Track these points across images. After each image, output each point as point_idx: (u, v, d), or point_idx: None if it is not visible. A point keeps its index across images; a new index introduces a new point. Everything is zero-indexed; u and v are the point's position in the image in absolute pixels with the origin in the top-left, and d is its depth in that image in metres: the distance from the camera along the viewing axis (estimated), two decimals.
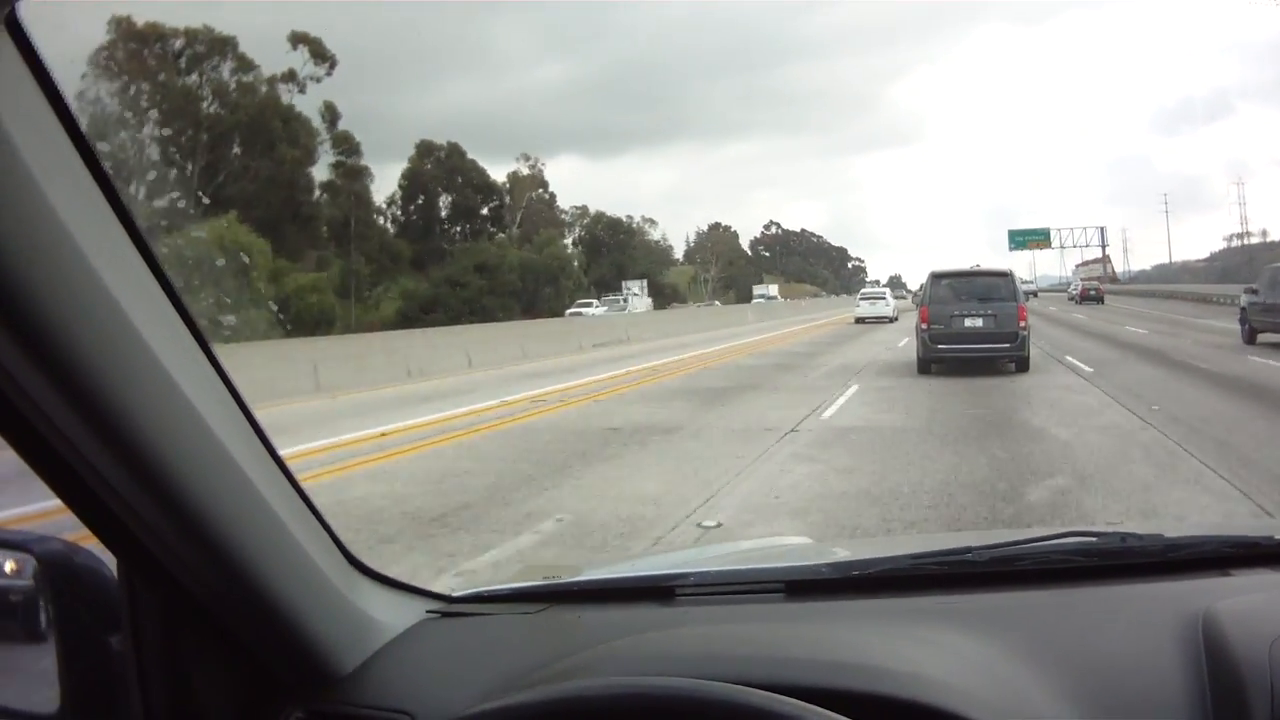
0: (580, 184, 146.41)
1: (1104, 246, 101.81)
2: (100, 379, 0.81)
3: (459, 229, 61.36)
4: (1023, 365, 14.25)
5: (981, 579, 1.33)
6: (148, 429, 0.87)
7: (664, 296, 73.25)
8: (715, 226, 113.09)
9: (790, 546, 2.02)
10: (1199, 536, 1.49)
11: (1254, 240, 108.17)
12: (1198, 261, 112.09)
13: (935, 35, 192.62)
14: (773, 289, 79.84)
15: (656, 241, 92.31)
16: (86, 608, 1.04)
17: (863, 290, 43.73)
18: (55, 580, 1.03)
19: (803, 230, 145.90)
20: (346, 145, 49.09)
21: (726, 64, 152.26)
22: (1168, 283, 76.24)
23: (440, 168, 62.64)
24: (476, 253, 52.00)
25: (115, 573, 1.02)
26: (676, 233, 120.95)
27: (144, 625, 1.03)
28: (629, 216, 79.42)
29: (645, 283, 60.27)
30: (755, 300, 68.52)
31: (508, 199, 63.85)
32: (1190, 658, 1.08)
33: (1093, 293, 57.19)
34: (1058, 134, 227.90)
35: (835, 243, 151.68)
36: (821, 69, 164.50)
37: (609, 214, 74.14)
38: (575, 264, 60.03)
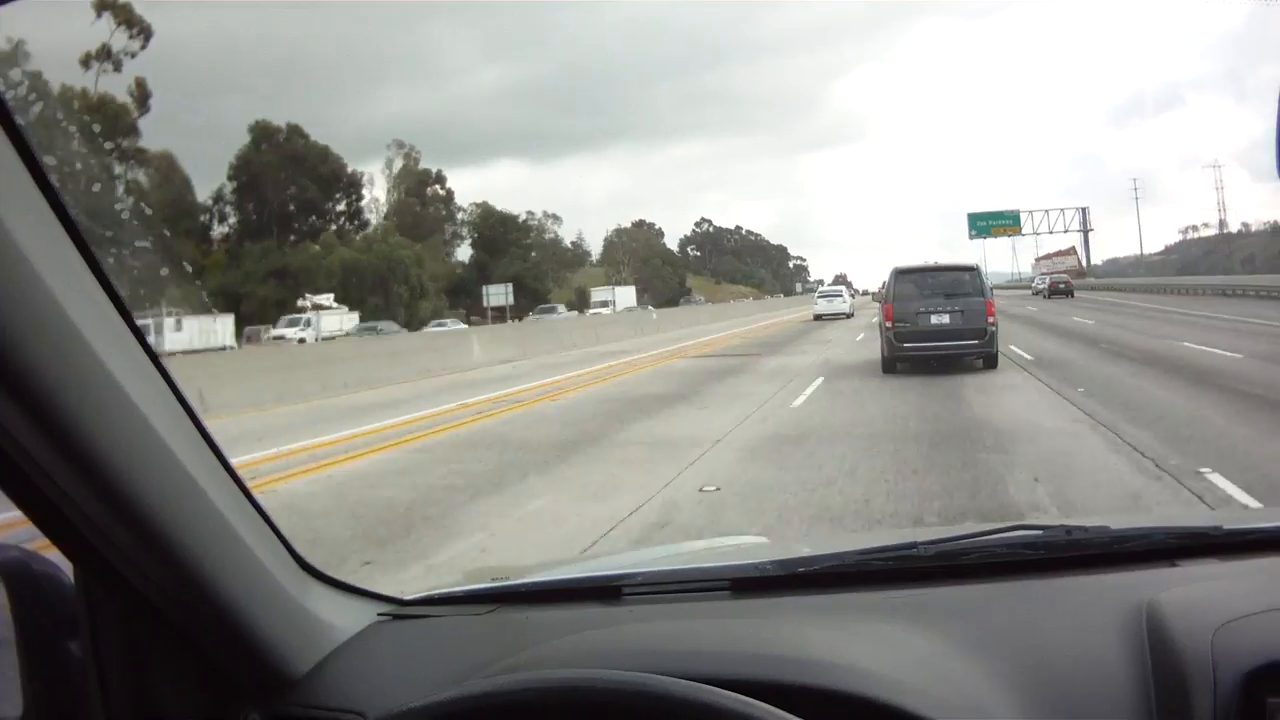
0: (523, 189, 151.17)
1: (1085, 231, 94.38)
2: (53, 390, 0.87)
3: (303, 225, 50.27)
4: (991, 362, 14.53)
5: (927, 574, 1.38)
6: (99, 438, 0.92)
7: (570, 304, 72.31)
8: (640, 225, 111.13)
9: (741, 546, 2.02)
10: (1145, 528, 1.55)
11: (1209, 233, 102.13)
12: (1153, 255, 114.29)
13: (878, 32, 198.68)
14: (699, 297, 77.99)
15: (572, 242, 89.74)
16: (46, 614, 1.09)
17: (820, 289, 49.37)
18: (14, 588, 1.07)
19: (738, 227, 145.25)
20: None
21: (668, 66, 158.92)
22: (1121, 276, 78.23)
23: (278, 154, 51.37)
24: (279, 255, 41.34)
25: (74, 580, 1.07)
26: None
27: (103, 631, 1.09)
28: (529, 213, 77.33)
29: (510, 287, 50.11)
30: (684, 302, 66.74)
31: (373, 192, 55.16)
32: (1134, 647, 1.12)
33: (1062, 286, 58.95)
34: (1006, 129, 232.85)
35: (780, 242, 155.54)
36: (764, 69, 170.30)
37: (500, 209, 70.51)
38: (411, 265, 49.14)
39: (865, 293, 51.16)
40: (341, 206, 57.64)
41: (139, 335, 1.01)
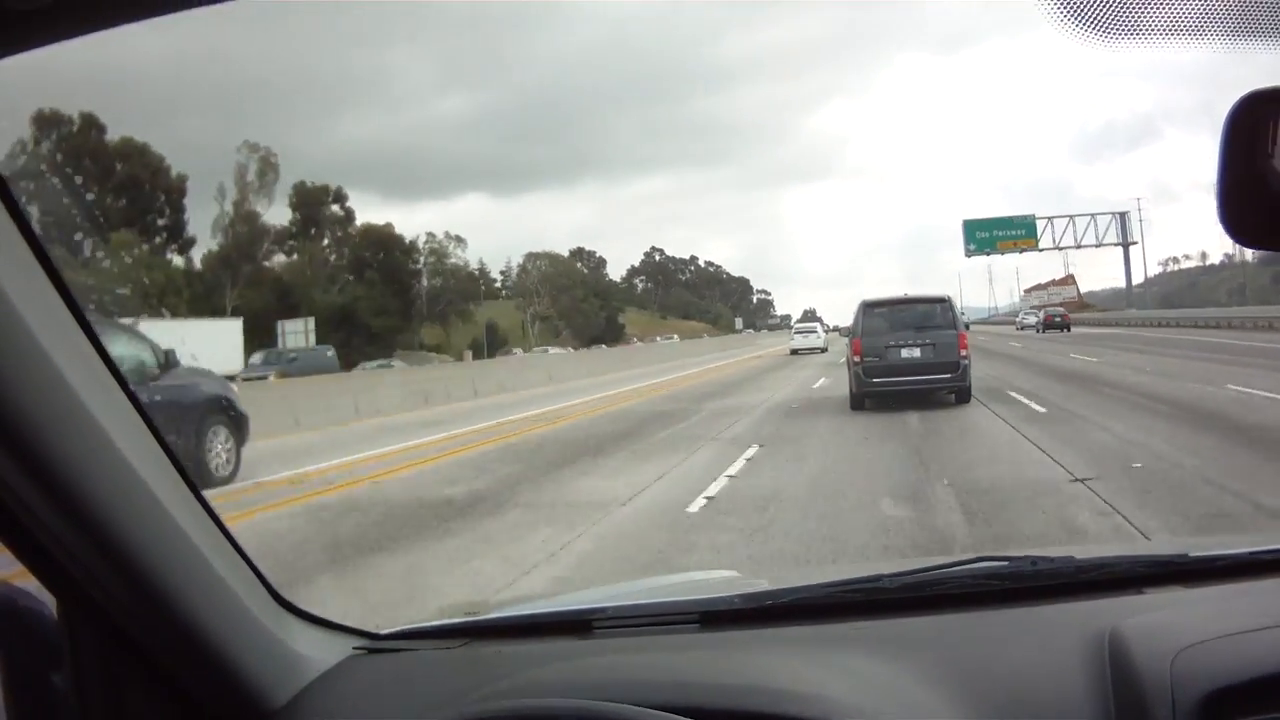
0: (486, 224, 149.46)
1: (1126, 244, 74.78)
2: (31, 426, 0.95)
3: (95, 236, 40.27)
4: (964, 396, 14.78)
5: (894, 605, 1.47)
6: (78, 474, 1.00)
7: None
8: (579, 252, 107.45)
9: (711, 580, 2.13)
10: (1110, 557, 1.63)
11: (1191, 264, 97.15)
12: (1134, 288, 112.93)
13: (850, 66, 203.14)
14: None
15: (477, 269, 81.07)
16: (28, 647, 1.14)
17: (796, 325, 56.50)
18: None
19: (693, 257, 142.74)
20: None
21: (632, 97, 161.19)
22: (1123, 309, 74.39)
23: (67, 151, 40.76)
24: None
25: (55, 613, 1.14)
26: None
27: (84, 663, 1.15)
28: (430, 234, 70.47)
29: (309, 322, 38.76)
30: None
31: (225, 205, 52.86)
32: (1096, 674, 1.18)
33: (1058, 320, 56.61)
34: (979, 163, 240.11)
35: (746, 275, 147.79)
36: (731, 101, 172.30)
37: (378, 225, 63.87)
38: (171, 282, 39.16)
39: (834, 328, 50.92)
40: (162, 221, 46.76)
41: (115, 371, 1.09)
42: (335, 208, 62.85)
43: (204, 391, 9.78)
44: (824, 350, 39.81)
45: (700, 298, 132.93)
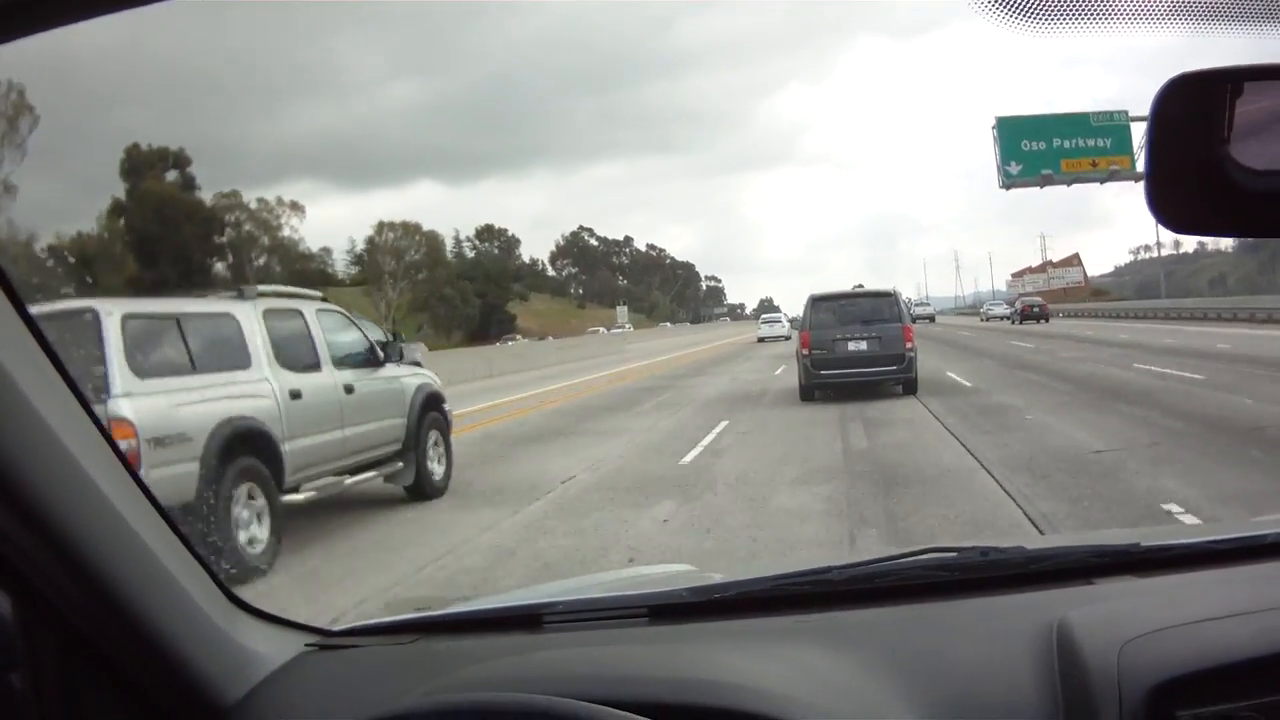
0: (443, 211, 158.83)
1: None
2: None
3: None
4: (910, 387, 17.07)
5: (842, 597, 1.57)
6: (28, 474, 1.11)
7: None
8: (490, 231, 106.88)
9: (665, 573, 2.38)
10: (1061, 547, 1.76)
11: (1165, 253, 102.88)
12: (1103, 276, 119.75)
13: (808, 50, 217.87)
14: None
15: (321, 248, 78.93)
16: None
17: (762, 317, 67.49)
18: None
19: (627, 239, 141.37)
20: None
21: (585, 83, 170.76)
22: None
23: None
24: None
25: (10, 611, 1.21)
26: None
27: (42, 662, 1.24)
28: (262, 200, 67.55)
29: None
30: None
31: None
32: (1044, 665, 1.26)
33: (1035, 309, 58.06)
34: (940, 151, 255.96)
35: (700, 263, 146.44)
36: (689, 87, 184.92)
37: (157, 189, 58.81)
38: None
39: (792, 319, 50.82)
40: None
41: (66, 377, 1.21)
42: (174, 174, 60.75)
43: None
44: (788, 338, 44.06)
45: (636, 284, 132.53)
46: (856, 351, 16.80)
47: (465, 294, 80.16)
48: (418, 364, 10.57)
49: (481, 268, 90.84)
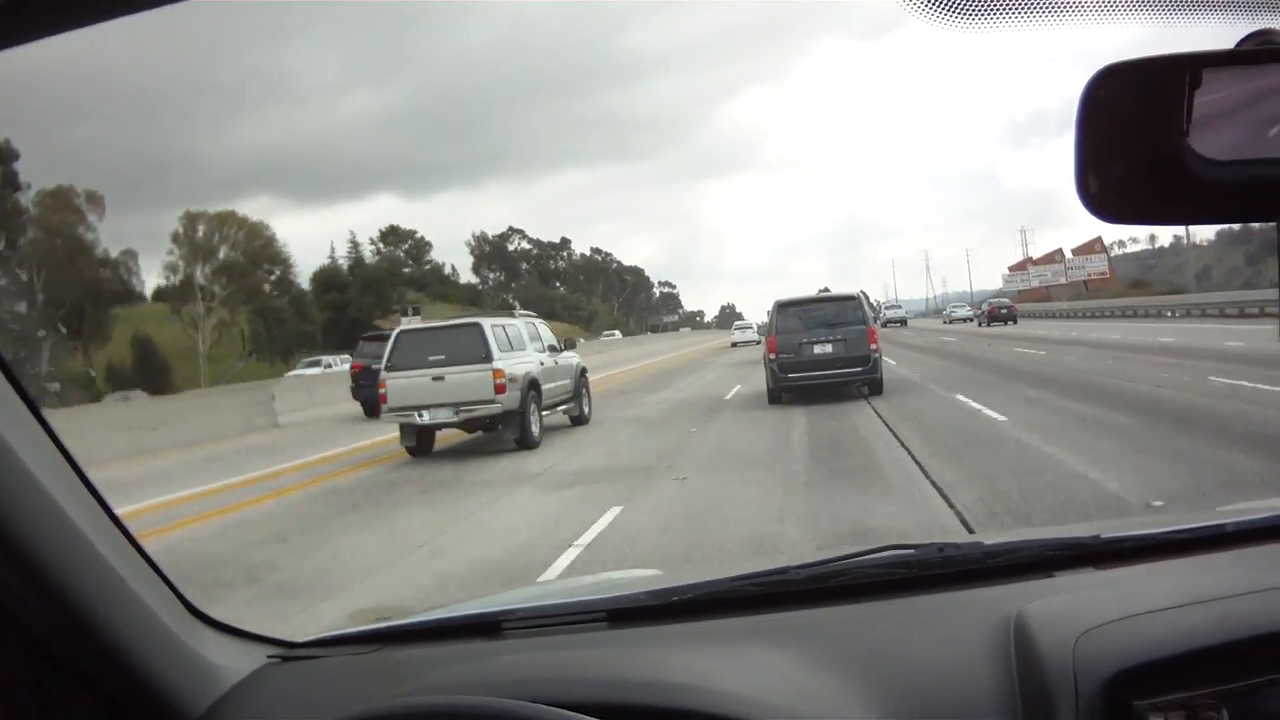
0: (402, 223, 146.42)
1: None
2: None
3: None
4: (876, 388, 19.87)
5: (800, 597, 1.80)
6: None
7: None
8: (395, 232, 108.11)
9: (629, 578, 2.64)
10: (1019, 542, 1.98)
11: (1138, 248, 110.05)
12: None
13: (768, 54, 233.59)
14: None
15: (121, 251, 67.86)
16: None
17: (736, 324, 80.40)
18: None
19: (564, 240, 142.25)
20: None
21: (542, 91, 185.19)
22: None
23: None
24: None
25: None
26: None
27: (13, 675, 1.43)
28: (67, 186, 60.85)
29: None
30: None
31: None
32: (1001, 659, 1.42)
33: (1004, 310, 63.33)
34: (905, 154, 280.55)
35: (666, 271, 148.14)
36: (646, 93, 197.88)
37: None
38: None
39: (759, 326, 62.25)
40: None
41: (21, 390, 1.40)
42: None
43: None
44: (759, 343, 49.09)
45: (575, 291, 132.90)
46: (822, 354, 19.31)
47: (303, 306, 75.00)
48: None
49: (356, 274, 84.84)
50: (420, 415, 15.93)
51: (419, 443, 16.44)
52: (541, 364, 17.83)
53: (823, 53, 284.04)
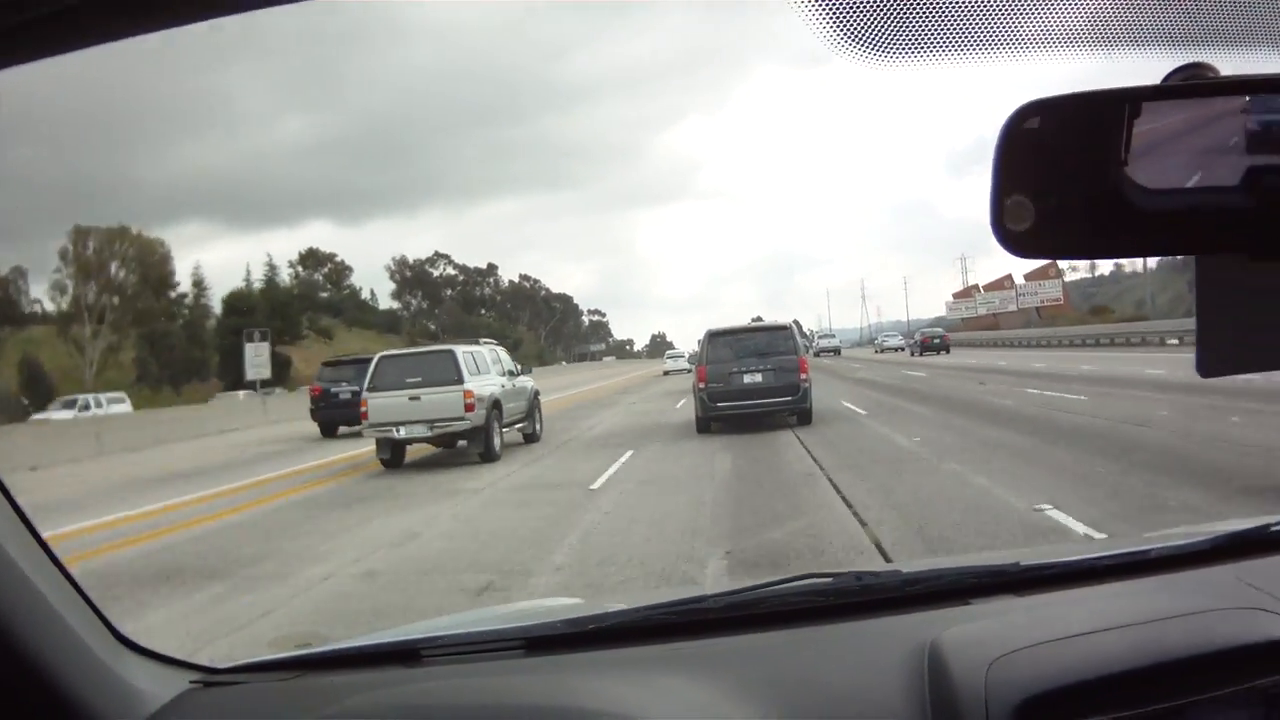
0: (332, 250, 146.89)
1: None
2: None
3: None
4: (805, 418, 20.42)
5: (718, 625, 1.85)
6: None
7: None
8: (314, 255, 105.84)
9: (547, 607, 2.81)
10: (938, 569, 2.04)
11: (1076, 276, 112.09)
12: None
13: (703, 82, 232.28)
14: None
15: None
16: None
17: (668, 354, 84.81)
18: None
19: (491, 266, 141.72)
20: None
21: (475, 118, 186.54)
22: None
23: None
24: None
25: None
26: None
27: None
28: None
29: None
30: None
31: None
32: (915, 685, 1.46)
33: (936, 340, 64.85)
34: (840, 184, 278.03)
35: (596, 299, 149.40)
36: (581, 121, 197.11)
37: None
38: None
39: (689, 355, 66.14)
40: None
41: None
42: None
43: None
44: (690, 371, 50.03)
45: (500, 318, 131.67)
46: (752, 384, 19.93)
47: (196, 331, 73.18)
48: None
49: (265, 298, 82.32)
50: (398, 430, 18.71)
51: (393, 456, 19.15)
52: (503, 386, 20.62)
53: (758, 82, 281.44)
